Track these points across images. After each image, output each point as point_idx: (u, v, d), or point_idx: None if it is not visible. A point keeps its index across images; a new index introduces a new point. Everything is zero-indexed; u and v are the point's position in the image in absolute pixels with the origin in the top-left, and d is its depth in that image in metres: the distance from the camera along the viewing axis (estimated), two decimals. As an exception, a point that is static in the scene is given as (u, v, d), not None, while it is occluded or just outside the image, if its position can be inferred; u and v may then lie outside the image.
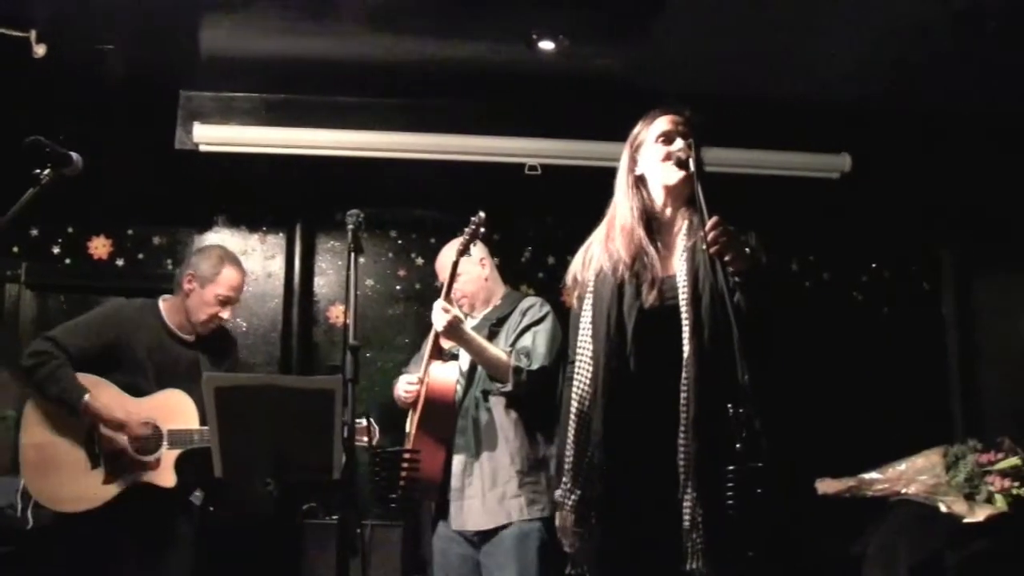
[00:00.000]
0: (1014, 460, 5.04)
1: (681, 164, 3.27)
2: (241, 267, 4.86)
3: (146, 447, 4.48)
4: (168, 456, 4.49)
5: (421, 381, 4.45)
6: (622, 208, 3.44)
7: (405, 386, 4.57)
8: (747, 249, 3.13)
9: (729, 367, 2.94)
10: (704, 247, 3.13)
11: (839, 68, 5.56)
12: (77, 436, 4.46)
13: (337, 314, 6.41)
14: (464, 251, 4.37)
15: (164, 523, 4.54)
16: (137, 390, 4.55)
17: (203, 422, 4.49)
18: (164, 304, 4.78)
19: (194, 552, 4.65)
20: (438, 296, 4.38)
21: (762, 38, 5.27)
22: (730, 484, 2.86)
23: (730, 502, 2.86)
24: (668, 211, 3.42)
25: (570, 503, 3.27)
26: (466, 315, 4.64)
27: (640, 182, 3.45)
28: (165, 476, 4.48)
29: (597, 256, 3.42)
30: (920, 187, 6.40)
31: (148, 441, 4.48)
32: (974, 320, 6.77)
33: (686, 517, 3.07)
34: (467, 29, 5.22)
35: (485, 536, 4.32)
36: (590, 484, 3.22)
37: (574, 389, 3.32)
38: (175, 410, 4.55)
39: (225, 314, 4.75)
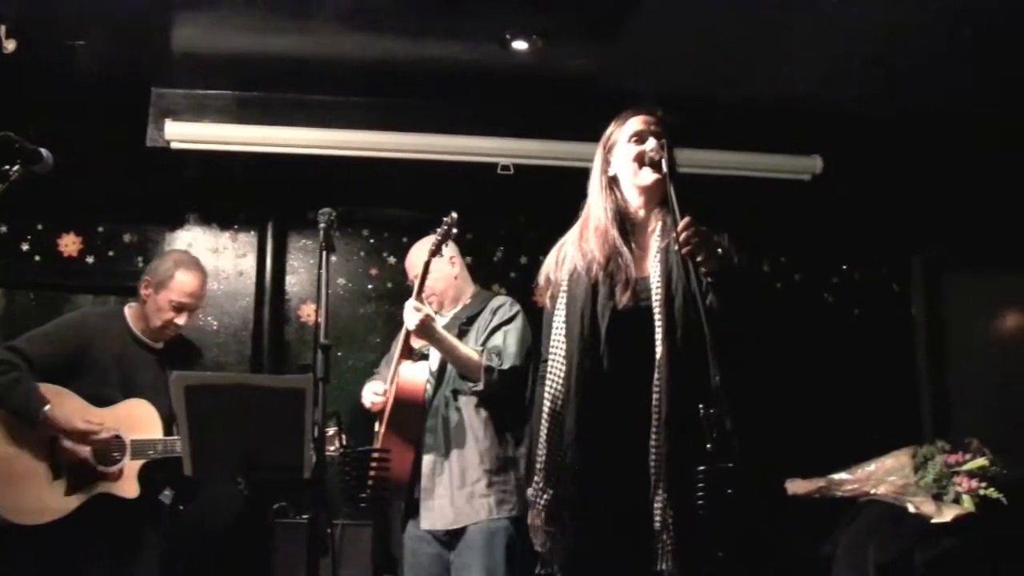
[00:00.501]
0: (981, 461, 5.07)
1: (654, 164, 3.28)
2: (198, 271, 4.78)
3: (109, 458, 4.45)
4: (131, 467, 4.45)
5: (391, 381, 4.45)
6: (596, 209, 3.45)
7: (371, 396, 4.59)
8: (719, 250, 3.13)
9: (702, 368, 2.95)
10: (676, 248, 3.13)
11: (811, 70, 5.60)
12: (38, 447, 4.40)
13: (308, 313, 6.37)
14: (436, 251, 4.38)
15: (129, 532, 4.50)
16: (102, 399, 4.51)
17: (167, 432, 4.51)
18: (129, 311, 4.74)
19: (160, 558, 4.61)
20: (410, 295, 4.39)
21: (735, 40, 5.30)
22: (700, 484, 2.87)
23: (700, 502, 2.87)
24: (642, 212, 3.43)
25: (542, 502, 3.26)
26: (436, 313, 4.63)
27: (613, 183, 3.46)
28: (128, 487, 4.45)
29: (571, 256, 3.42)
30: (890, 189, 6.44)
31: (111, 451, 4.45)
32: (943, 322, 6.81)
33: (657, 518, 3.08)
34: (441, 29, 5.21)
35: (455, 535, 4.34)
36: (562, 484, 3.21)
37: (547, 388, 3.32)
38: (138, 420, 4.51)
39: (180, 320, 4.68)
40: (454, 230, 4.36)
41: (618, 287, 3.29)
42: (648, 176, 3.33)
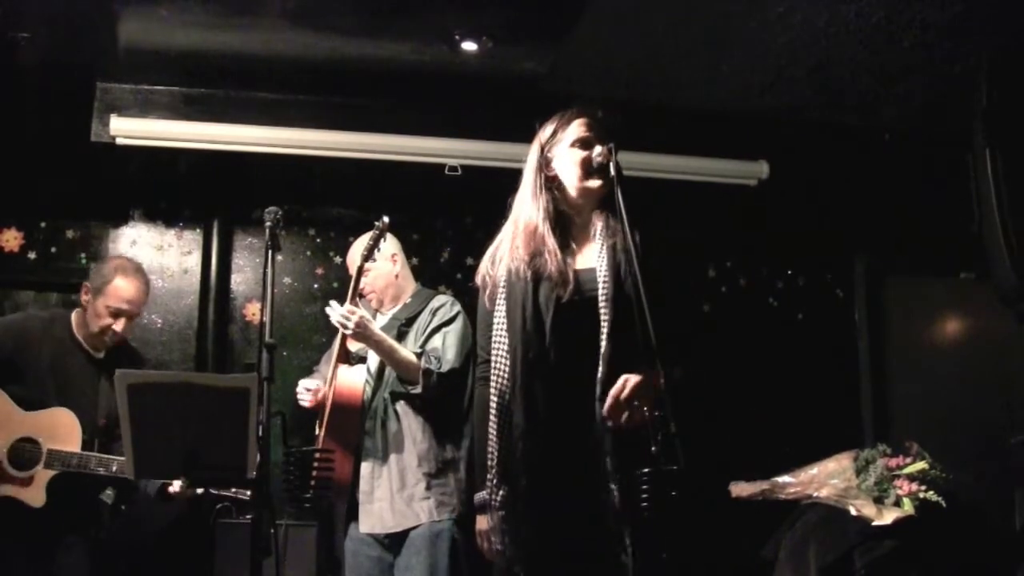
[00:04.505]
0: (921, 464, 5.07)
1: (602, 170, 3.30)
2: (137, 278, 4.69)
3: (22, 461, 4.37)
4: (41, 475, 4.37)
5: (329, 386, 4.44)
6: (527, 208, 3.43)
7: (303, 393, 4.56)
8: (647, 393, 3.06)
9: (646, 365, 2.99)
10: (623, 249, 3.20)
11: (757, 76, 5.65)
12: None
13: (254, 312, 6.30)
14: (368, 256, 4.39)
15: (46, 535, 4.42)
16: (37, 403, 4.45)
17: (85, 446, 4.44)
18: (75, 316, 4.68)
19: (89, 555, 4.55)
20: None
21: (682, 45, 5.33)
22: (645, 486, 2.87)
23: (644, 504, 2.87)
24: (583, 212, 3.43)
25: (497, 500, 3.23)
26: (375, 311, 4.67)
27: (551, 182, 3.44)
28: (34, 495, 4.36)
29: (506, 255, 3.41)
30: (835, 195, 6.53)
31: (26, 455, 4.38)
32: (885, 327, 6.86)
33: (612, 511, 3.07)
34: (390, 28, 5.21)
35: (396, 539, 4.35)
36: (516, 478, 3.19)
37: (493, 384, 3.30)
38: (59, 430, 4.44)
39: (118, 327, 4.60)
40: (386, 236, 4.39)
41: (557, 281, 3.27)
42: (596, 181, 3.33)
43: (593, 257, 3.34)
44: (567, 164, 3.41)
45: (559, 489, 3.16)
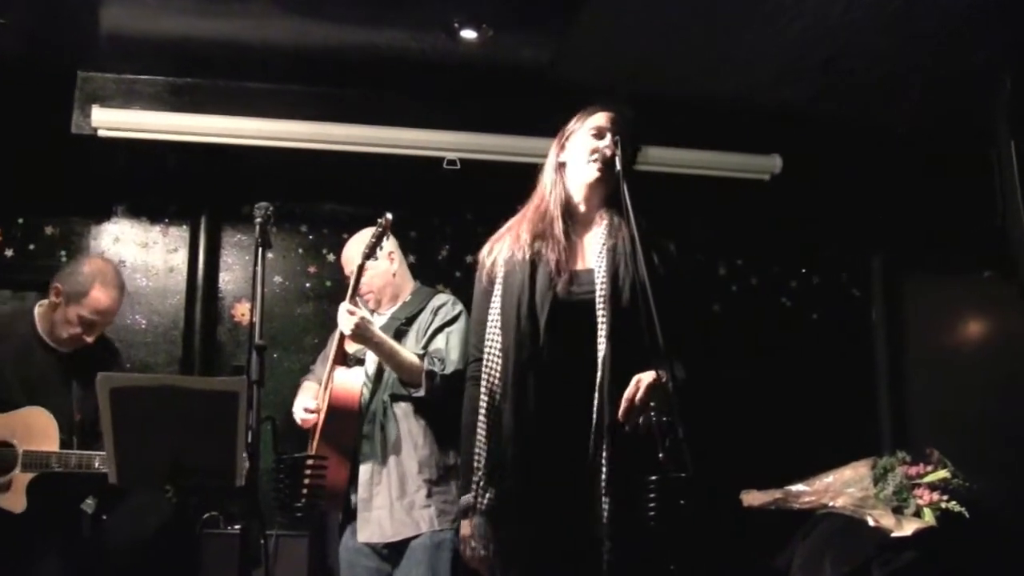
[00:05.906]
0: (942, 473, 5.11)
1: (605, 162, 3.30)
2: (116, 287, 4.53)
3: None
4: (20, 479, 4.27)
5: (325, 388, 4.38)
6: (543, 192, 3.47)
7: (302, 413, 4.48)
8: (661, 394, 3.00)
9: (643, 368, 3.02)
10: (624, 250, 3.22)
11: (770, 68, 5.61)
12: None
13: (243, 312, 6.21)
14: (370, 254, 4.33)
15: (23, 545, 4.31)
16: (5, 404, 4.33)
17: (64, 445, 4.33)
18: (39, 310, 4.53)
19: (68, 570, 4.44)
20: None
21: (690, 36, 5.29)
22: (651, 495, 2.84)
23: (651, 513, 2.83)
24: (583, 207, 3.45)
25: (484, 503, 3.19)
26: (372, 311, 4.61)
27: (563, 169, 3.46)
28: (14, 500, 4.26)
29: (507, 245, 3.40)
30: (851, 191, 6.48)
31: (2, 460, 4.27)
32: (903, 328, 6.83)
33: (604, 519, 3.02)
34: (386, 15, 5.15)
35: (395, 548, 4.26)
36: (504, 481, 3.14)
37: (484, 384, 3.28)
38: (34, 430, 4.33)
39: (89, 338, 4.47)
40: (388, 234, 4.34)
41: (555, 275, 3.27)
42: (592, 173, 3.35)
43: (592, 257, 3.33)
44: (576, 151, 3.44)
45: (549, 494, 3.11)
